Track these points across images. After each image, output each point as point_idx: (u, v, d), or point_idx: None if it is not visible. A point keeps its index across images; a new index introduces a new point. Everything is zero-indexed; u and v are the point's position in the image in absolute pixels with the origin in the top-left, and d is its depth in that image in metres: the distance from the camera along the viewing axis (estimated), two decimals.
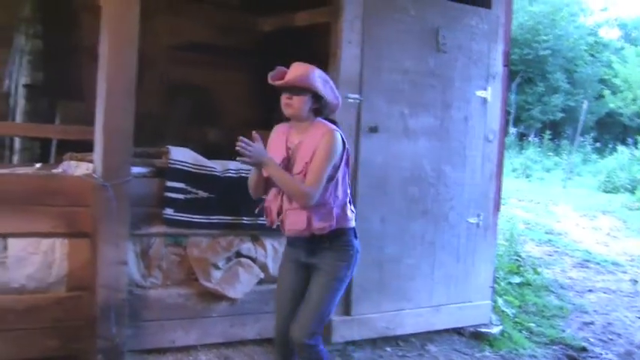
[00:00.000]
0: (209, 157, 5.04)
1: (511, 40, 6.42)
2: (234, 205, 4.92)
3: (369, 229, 5.40)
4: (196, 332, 4.95)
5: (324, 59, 5.37)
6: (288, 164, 3.85)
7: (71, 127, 5.83)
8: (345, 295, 5.31)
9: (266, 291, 5.08)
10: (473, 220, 6.05)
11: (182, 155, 4.90)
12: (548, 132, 25.73)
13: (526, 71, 29.40)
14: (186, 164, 4.87)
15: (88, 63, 4.96)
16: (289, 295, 3.96)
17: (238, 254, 5.10)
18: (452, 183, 5.90)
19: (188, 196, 4.83)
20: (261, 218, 4.12)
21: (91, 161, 4.68)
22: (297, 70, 3.79)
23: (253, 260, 5.13)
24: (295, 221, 3.80)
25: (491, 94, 6.09)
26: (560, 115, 29.00)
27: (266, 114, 6.24)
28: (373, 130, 5.40)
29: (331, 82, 3.91)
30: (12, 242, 4.34)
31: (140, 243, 4.78)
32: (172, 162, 4.83)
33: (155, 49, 6.32)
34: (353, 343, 5.49)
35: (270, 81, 3.81)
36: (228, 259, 5.04)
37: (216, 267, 4.97)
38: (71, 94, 6.30)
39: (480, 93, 6.02)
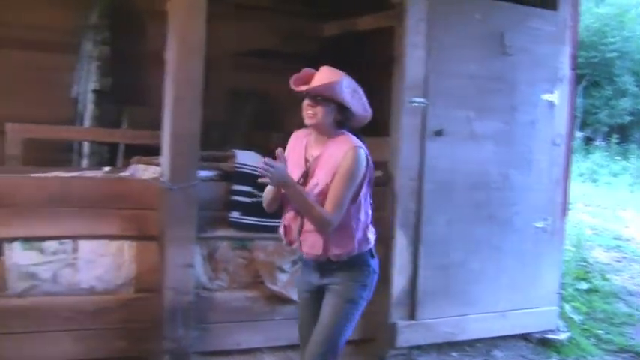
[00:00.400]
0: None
1: (578, 42, 6.30)
2: None
3: (435, 234, 5.39)
4: (261, 335, 4.99)
5: (388, 63, 5.36)
6: (305, 178, 3.49)
7: (141, 132, 5.95)
8: (410, 298, 5.32)
9: None
10: (539, 224, 5.96)
11: (248, 159, 4.93)
12: (615, 136, 25.20)
13: (592, 74, 28.80)
14: (253, 168, 4.89)
15: (155, 68, 5.03)
16: (307, 325, 3.59)
17: None
18: (518, 187, 5.82)
19: (255, 199, 4.85)
20: None
21: (158, 165, 4.75)
22: (323, 77, 3.38)
23: None
24: (312, 244, 3.45)
25: (559, 97, 5.99)
26: (628, 118, 28.29)
27: None
28: (438, 134, 5.36)
29: (361, 91, 3.48)
30: (82, 244, 4.44)
31: (207, 246, 4.84)
32: (239, 166, 4.87)
33: (219, 54, 6.38)
34: (418, 347, 5.46)
35: (292, 85, 3.42)
36: (294, 262, 5.05)
37: (282, 270, 4.99)
38: (137, 99, 6.41)
39: (547, 96, 5.92)
